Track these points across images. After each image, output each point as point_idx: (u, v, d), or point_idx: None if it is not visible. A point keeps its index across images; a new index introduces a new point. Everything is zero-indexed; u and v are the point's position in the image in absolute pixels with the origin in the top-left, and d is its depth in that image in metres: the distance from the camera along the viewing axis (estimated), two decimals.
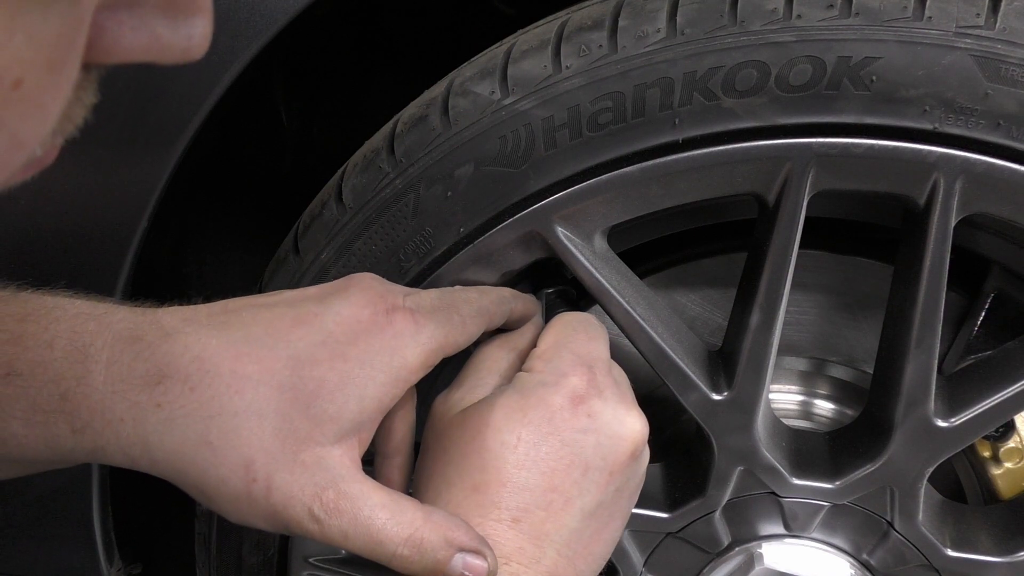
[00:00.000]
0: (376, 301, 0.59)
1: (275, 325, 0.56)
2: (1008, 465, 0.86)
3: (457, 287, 0.71)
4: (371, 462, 0.73)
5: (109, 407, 0.52)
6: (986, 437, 0.85)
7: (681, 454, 0.86)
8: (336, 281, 0.61)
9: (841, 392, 0.91)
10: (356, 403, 0.55)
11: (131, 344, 0.53)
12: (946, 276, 0.68)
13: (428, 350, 0.59)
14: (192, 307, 0.58)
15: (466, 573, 0.54)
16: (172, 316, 0.56)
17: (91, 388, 0.52)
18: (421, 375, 0.59)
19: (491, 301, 0.67)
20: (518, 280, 0.78)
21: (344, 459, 0.55)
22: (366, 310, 0.58)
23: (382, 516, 0.54)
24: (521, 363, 0.68)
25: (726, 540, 0.83)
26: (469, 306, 0.65)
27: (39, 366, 0.52)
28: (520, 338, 0.70)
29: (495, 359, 0.67)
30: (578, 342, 0.66)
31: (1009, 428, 0.85)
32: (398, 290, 0.62)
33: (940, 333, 0.69)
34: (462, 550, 0.54)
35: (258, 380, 0.54)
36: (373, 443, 0.66)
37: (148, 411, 0.52)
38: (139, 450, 0.53)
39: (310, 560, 0.88)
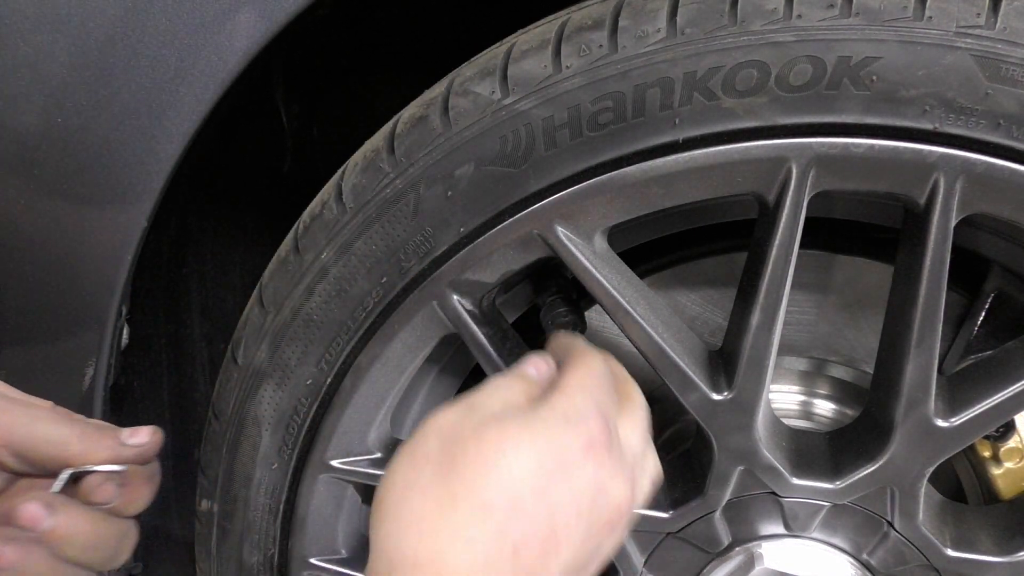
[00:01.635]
0: None
1: None
2: (1008, 465, 0.86)
3: None
4: None
5: None
6: (986, 437, 0.85)
7: (681, 454, 0.86)
8: None
9: (841, 392, 0.91)
10: None
11: None
12: (946, 276, 0.67)
13: None
14: None
15: None
16: None
17: None
18: None
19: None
20: (519, 279, 0.78)
21: None
22: None
23: None
24: (532, 390, 0.65)
25: (726, 540, 0.83)
26: None
27: None
28: (531, 369, 0.67)
29: (509, 388, 0.64)
30: (600, 389, 0.63)
31: (1009, 428, 0.85)
32: None
33: (940, 333, 0.69)
34: None
35: None
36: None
37: None
38: None
39: (310, 560, 0.88)
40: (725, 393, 0.74)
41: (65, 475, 0.63)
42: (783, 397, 0.92)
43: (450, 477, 0.56)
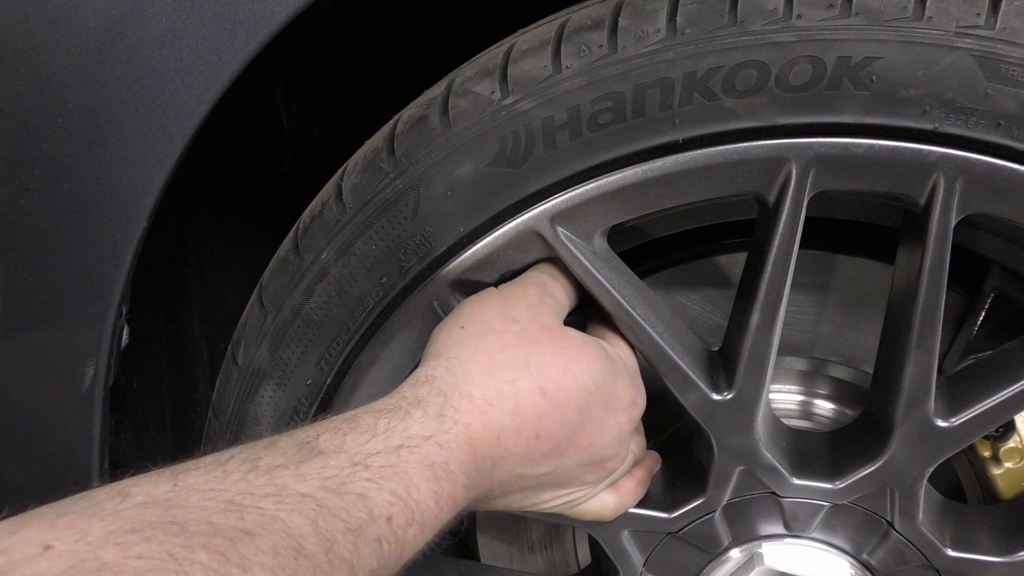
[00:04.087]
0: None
1: None
2: (1008, 465, 0.86)
3: None
4: None
5: None
6: (986, 437, 0.85)
7: (681, 454, 0.86)
8: None
9: (841, 392, 0.91)
10: None
11: None
12: (946, 276, 0.68)
13: None
14: None
15: None
16: None
17: None
18: None
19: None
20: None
21: None
22: None
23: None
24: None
25: (726, 540, 0.83)
26: None
27: None
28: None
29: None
30: None
31: (1009, 428, 0.85)
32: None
33: (940, 333, 0.69)
34: None
35: None
36: None
37: None
38: None
39: None
40: (725, 393, 0.74)
41: None
42: (783, 397, 0.92)
43: (528, 350, 0.65)
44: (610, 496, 0.75)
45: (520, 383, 0.64)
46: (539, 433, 0.64)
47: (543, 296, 0.71)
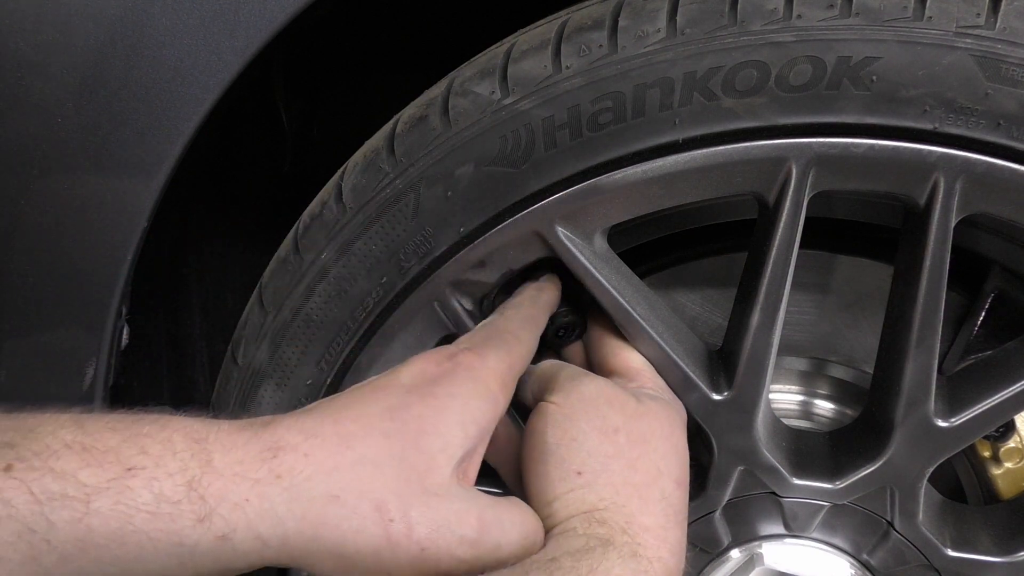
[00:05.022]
0: (435, 355, 0.65)
1: (358, 394, 0.62)
2: (1008, 465, 0.86)
3: (492, 316, 0.75)
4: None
5: (233, 490, 0.54)
6: (986, 437, 0.85)
7: None
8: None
9: (841, 392, 0.91)
10: (460, 430, 0.60)
11: (240, 432, 0.57)
12: (946, 276, 0.68)
13: (501, 372, 0.65)
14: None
15: None
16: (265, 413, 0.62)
17: (215, 474, 0.54)
18: (506, 398, 0.65)
19: (529, 308, 0.74)
20: (520, 280, 0.78)
21: (466, 483, 0.60)
22: (431, 363, 0.64)
23: (518, 518, 0.61)
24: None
25: (726, 540, 0.83)
26: (513, 322, 0.71)
27: (162, 459, 0.54)
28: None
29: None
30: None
31: (1009, 428, 0.85)
32: (448, 346, 0.68)
33: (940, 333, 0.69)
34: None
35: (362, 434, 0.58)
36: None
37: (270, 485, 0.55)
38: (269, 525, 0.54)
39: None
40: (725, 393, 0.74)
41: None
42: (783, 397, 0.92)
43: (647, 454, 0.66)
44: None
45: (666, 490, 0.65)
46: (677, 518, 0.65)
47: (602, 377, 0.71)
